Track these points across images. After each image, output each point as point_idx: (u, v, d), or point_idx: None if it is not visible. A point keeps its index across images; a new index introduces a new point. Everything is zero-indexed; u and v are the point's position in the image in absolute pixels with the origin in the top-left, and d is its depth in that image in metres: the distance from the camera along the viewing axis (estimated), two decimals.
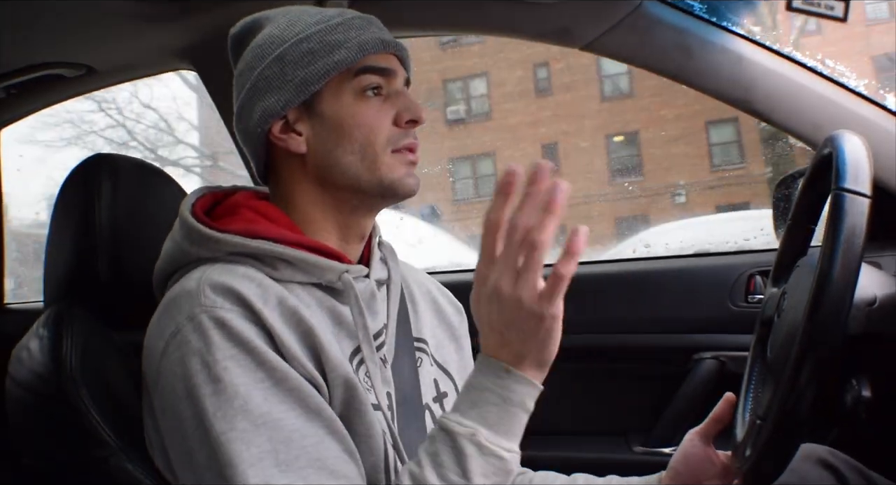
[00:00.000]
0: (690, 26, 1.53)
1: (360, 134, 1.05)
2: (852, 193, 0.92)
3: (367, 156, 1.05)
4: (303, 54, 1.05)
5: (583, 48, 1.62)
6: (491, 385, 0.88)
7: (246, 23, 1.14)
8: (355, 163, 1.05)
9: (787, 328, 1.07)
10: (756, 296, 1.69)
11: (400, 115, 1.07)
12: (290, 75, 1.05)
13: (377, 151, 1.05)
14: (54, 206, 1.25)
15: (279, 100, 1.05)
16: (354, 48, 1.05)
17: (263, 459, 0.87)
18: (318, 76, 1.04)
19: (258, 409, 0.89)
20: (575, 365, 1.86)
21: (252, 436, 0.88)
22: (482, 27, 1.83)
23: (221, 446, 0.87)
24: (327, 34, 1.06)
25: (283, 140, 1.07)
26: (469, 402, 0.89)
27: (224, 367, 0.90)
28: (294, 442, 0.89)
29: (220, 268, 0.98)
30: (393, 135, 1.06)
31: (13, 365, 1.11)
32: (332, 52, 1.05)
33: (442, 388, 1.16)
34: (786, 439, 0.95)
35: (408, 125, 1.07)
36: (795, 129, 1.52)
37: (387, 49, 1.08)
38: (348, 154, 1.05)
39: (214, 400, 0.89)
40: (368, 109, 1.06)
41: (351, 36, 1.06)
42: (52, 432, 1.06)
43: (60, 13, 1.60)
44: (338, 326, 1.03)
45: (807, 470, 1.19)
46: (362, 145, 1.05)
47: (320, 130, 1.06)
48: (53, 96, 2.06)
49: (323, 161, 1.06)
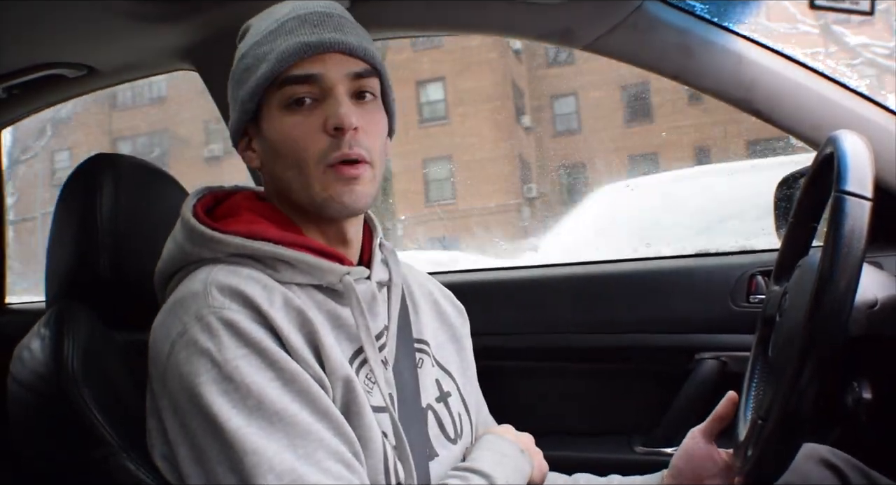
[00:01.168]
0: (691, 26, 1.53)
1: (289, 150, 1.01)
2: (854, 195, 0.92)
3: (302, 172, 1.01)
4: (242, 72, 1.06)
5: (584, 48, 1.62)
6: None
7: (243, 26, 1.14)
8: (294, 178, 1.02)
9: (788, 328, 1.07)
10: (758, 296, 1.68)
11: (326, 123, 1.00)
12: (236, 94, 1.07)
13: (309, 166, 1.00)
14: (56, 205, 1.25)
15: (235, 120, 1.08)
16: (273, 60, 1.01)
17: (282, 452, 0.88)
18: (250, 94, 1.04)
19: (272, 407, 0.90)
20: (576, 365, 1.87)
21: (269, 432, 0.88)
22: (482, 28, 1.83)
23: (238, 441, 0.87)
24: (259, 46, 1.04)
25: (246, 157, 1.10)
26: None
27: (235, 366, 0.90)
28: (311, 435, 0.90)
29: (225, 269, 0.98)
30: (323, 147, 1.00)
31: (14, 365, 1.11)
32: (259, 65, 1.03)
33: (445, 388, 1.16)
34: (787, 438, 0.95)
35: (337, 133, 1.00)
36: (796, 129, 1.52)
37: (307, 53, 1.00)
38: (287, 170, 1.03)
39: (227, 398, 0.89)
40: (294, 123, 1.01)
41: (276, 45, 1.01)
42: (53, 431, 1.06)
43: (62, 13, 1.60)
44: (337, 329, 1.03)
45: (808, 469, 1.19)
46: (295, 161, 1.01)
47: (265, 147, 1.06)
48: (55, 97, 2.07)
49: (271, 176, 1.07)
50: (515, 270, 2.09)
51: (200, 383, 0.90)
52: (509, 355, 1.87)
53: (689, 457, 1.18)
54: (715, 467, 1.16)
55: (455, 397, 1.17)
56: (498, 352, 1.84)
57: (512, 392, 1.86)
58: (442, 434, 1.11)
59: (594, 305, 1.85)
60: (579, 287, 1.89)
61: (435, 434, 1.10)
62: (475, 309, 1.32)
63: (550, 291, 1.91)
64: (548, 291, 1.91)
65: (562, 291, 1.90)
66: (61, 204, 1.24)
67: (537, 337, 1.88)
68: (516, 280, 2.00)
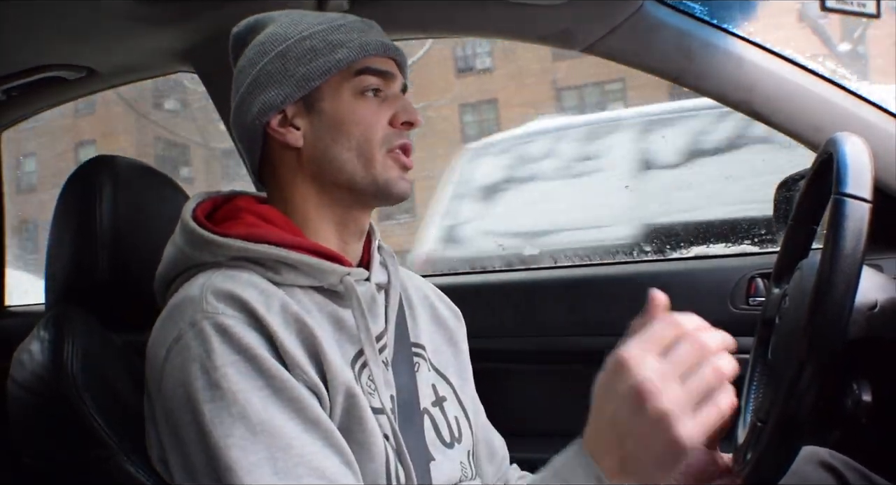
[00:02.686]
0: (692, 28, 1.53)
1: (357, 131, 1.06)
2: (853, 198, 0.92)
3: (363, 153, 1.06)
4: (305, 51, 1.07)
5: (583, 50, 1.62)
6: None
7: (248, 22, 1.16)
8: (351, 160, 1.06)
9: (787, 331, 1.07)
10: (757, 298, 1.68)
11: (396, 117, 1.09)
12: (292, 71, 1.06)
13: (373, 149, 1.07)
14: (55, 208, 1.25)
15: (279, 94, 1.07)
16: (356, 48, 1.07)
17: (261, 466, 0.87)
18: (319, 73, 1.06)
19: (257, 416, 0.89)
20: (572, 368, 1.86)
21: (250, 443, 0.87)
22: (483, 30, 1.83)
23: (219, 452, 0.87)
24: (330, 34, 1.08)
25: (280, 133, 1.08)
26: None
27: (223, 373, 0.89)
28: (294, 450, 0.89)
29: (223, 274, 0.98)
30: (388, 135, 1.08)
31: (15, 367, 1.11)
32: (334, 50, 1.06)
33: (440, 392, 1.16)
34: (786, 441, 0.95)
35: (403, 127, 1.09)
36: (796, 131, 1.52)
37: (387, 53, 1.10)
38: (345, 151, 1.06)
39: (212, 406, 0.89)
40: (367, 108, 1.08)
41: (353, 37, 1.08)
42: (53, 433, 1.06)
43: (61, 15, 1.61)
44: (339, 332, 1.03)
45: (808, 472, 1.19)
46: (359, 143, 1.06)
47: (318, 125, 1.07)
48: (54, 98, 2.07)
49: (319, 157, 1.07)
50: (511, 273, 2.09)
51: (192, 391, 0.90)
52: (504, 358, 1.87)
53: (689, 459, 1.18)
54: (716, 470, 1.16)
55: (451, 401, 1.17)
56: (493, 354, 1.83)
57: (507, 395, 1.85)
58: (438, 439, 1.11)
59: (590, 307, 1.84)
60: (575, 289, 1.89)
61: (431, 439, 1.09)
62: (470, 312, 1.32)
63: (545, 294, 1.91)
64: (542, 294, 1.91)
65: (557, 293, 1.90)
66: (60, 206, 1.24)
67: (533, 340, 1.87)
68: (512, 283, 2.00)
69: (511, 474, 1.32)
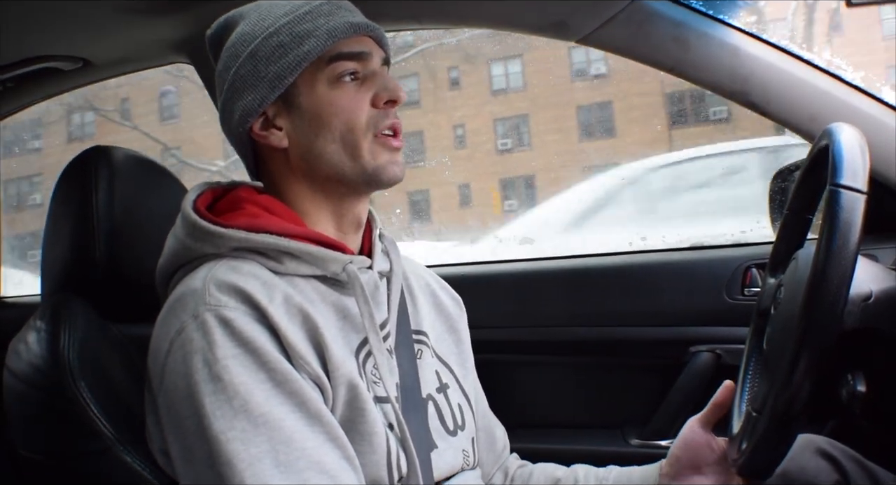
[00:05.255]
0: (687, 19, 1.53)
1: (338, 121, 1.04)
2: (848, 189, 0.92)
3: (349, 143, 1.04)
4: (273, 49, 1.05)
5: (578, 42, 1.61)
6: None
7: (220, 23, 1.14)
8: (337, 152, 1.05)
9: (783, 320, 1.08)
10: (753, 289, 1.69)
11: (378, 96, 1.06)
12: (263, 71, 1.05)
13: (358, 136, 1.04)
14: (52, 198, 1.25)
15: (255, 97, 1.05)
16: (323, 36, 1.04)
17: (262, 459, 0.87)
18: (289, 69, 1.04)
19: (258, 409, 0.89)
20: (571, 358, 1.87)
21: (251, 436, 0.88)
22: (477, 21, 1.82)
23: (220, 445, 0.87)
24: (296, 25, 1.05)
25: (264, 137, 1.07)
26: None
27: (224, 366, 0.89)
28: (295, 443, 0.89)
29: (226, 265, 0.98)
30: (373, 117, 1.05)
31: (11, 358, 1.11)
32: (302, 42, 1.04)
33: (444, 379, 1.16)
34: (781, 431, 0.96)
35: (387, 106, 1.06)
36: (792, 121, 1.52)
37: (357, 32, 1.07)
38: (329, 144, 1.05)
39: (214, 399, 0.89)
40: (344, 96, 1.05)
41: (319, 24, 1.05)
42: (51, 424, 1.06)
43: (56, 6, 1.60)
44: (342, 320, 1.03)
45: (805, 459, 1.20)
46: (342, 133, 1.04)
47: (299, 122, 1.06)
48: (50, 90, 2.06)
49: (305, 153, 1.06)
50: (510, 263, 2.08)
51: (193, 383, 0.90)
52: (504, 348, 1.88)
53: (687, 446, 1.19)
54: (713, 456, 1.17)
55: (454, 388, 1.17)
56: (492, 345, 1.83)
57: (506, 385, 1.86)
58: (441, 426, 1.11)
59: (589, 298, 1.85)
60: (574, 280, 1.89)
61: (435, 426, 1.10)
62: (470, 301, 1.32)
63: (545, 284, 1.91)
64: (542, 284, 1.92)
65: (556, 284, 1.90)
66: (57, 197, 1.24)
67: (532, 330, 1.88)
68: (511, 273, 2.00)
69: (511, 462, 1.33)
